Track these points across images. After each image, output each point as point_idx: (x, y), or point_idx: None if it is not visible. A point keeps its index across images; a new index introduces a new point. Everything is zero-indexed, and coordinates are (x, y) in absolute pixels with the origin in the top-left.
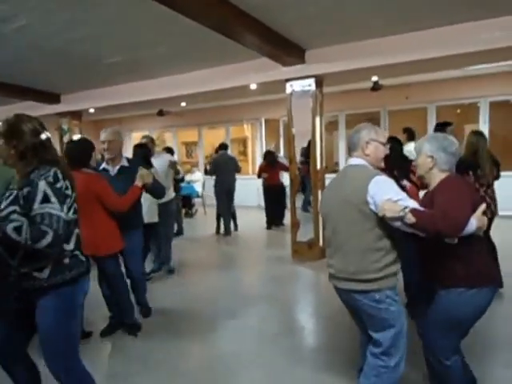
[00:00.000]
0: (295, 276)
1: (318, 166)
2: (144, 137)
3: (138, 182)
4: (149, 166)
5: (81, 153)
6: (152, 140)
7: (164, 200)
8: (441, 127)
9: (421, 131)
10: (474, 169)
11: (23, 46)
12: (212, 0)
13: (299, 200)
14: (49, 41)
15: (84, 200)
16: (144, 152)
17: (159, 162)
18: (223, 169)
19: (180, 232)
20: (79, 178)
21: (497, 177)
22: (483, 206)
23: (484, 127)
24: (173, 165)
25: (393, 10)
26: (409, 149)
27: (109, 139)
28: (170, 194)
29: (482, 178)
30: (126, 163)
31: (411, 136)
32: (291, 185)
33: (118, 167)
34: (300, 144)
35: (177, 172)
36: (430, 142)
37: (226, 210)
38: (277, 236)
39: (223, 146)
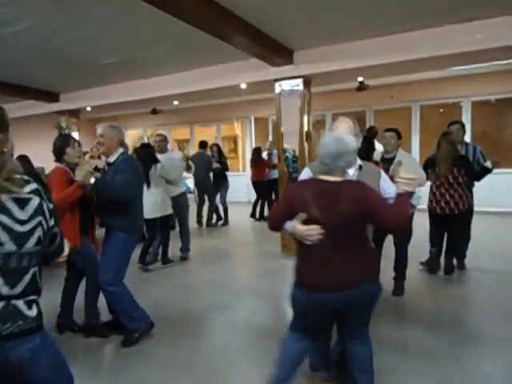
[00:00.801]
0: (285, 270)
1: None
2: (158, 134)
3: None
4: (154, 162)
5: (54, 149)
6: (165, 138)
7: (175, 194)
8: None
9: (406, 130)
10: (432, 167)
11: (23, 47)
12: (201, 1)
13: None
14: (48, 42)
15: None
16: (148, 151)
17: (168, 158)
18: (198, 167)
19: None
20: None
21: (468, 175)
22: (301, 216)
23: (466, 126)
24: (185, 158)
25: (378, 12)
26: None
27: (99, 134)
28: (181, 188)
29: (440, 176)
30: (112, 159)
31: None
32: (280, 181)
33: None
34: (288, 142)
35: (189, 167)
36: None
37: (209, 204)
38: (266, 230)
39: (201, 145)
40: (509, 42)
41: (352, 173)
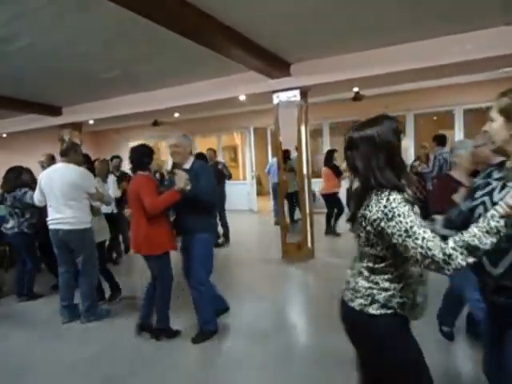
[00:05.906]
0: (286, 276)
1: (305, 171)
2: (209, 149)
3: (177, 186)
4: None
5: (137, 157)
6: (214, 151)
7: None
8: None
9: None
10: None
11: (25, 63)
12: (199, 17)
13: None
14: (49, 58)
15: (132, 200)
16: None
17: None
18: None
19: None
20: (133, 180)
21: None
22: None
23: (459, 133)
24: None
25: (372, 25)
26: None
27: (174, 144)
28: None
29: None
30: (187, 166)
31: None
32: (279, 189)
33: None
34: None
35: (230, 176)
36: None
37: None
38: (268, 237)
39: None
40: (499, 52)
41: None
